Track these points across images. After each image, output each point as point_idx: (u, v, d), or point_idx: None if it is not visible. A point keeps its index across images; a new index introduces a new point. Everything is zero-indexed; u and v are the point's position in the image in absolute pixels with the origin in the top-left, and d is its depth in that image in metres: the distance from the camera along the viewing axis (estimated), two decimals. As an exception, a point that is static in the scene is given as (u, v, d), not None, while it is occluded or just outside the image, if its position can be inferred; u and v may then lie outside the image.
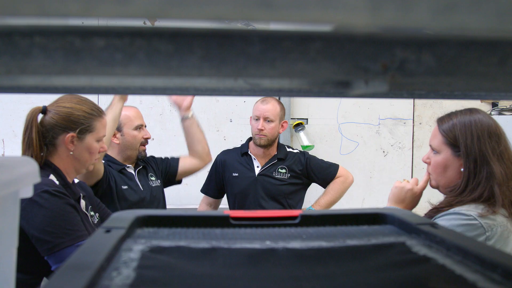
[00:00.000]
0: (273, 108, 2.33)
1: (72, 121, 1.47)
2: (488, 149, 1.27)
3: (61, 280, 0.46)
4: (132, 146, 2.09)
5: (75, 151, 1.49)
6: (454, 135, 1.32)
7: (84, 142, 1.50)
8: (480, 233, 1.21)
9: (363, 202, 3.26)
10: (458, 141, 1.31)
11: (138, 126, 2.11)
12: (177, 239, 0.65)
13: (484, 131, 1.29)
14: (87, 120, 1.49)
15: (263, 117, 2.32)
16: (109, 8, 0.28)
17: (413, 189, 1.43)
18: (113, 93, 0.52)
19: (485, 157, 1.27)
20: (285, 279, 0.52)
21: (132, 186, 2.06)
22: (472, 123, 1.30)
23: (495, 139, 1.29)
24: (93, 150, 1.53)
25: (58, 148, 1.47)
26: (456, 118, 1.34)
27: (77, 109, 1.48)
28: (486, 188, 1.26)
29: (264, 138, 2.33)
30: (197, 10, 0.28)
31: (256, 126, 2.33)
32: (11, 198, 0.72)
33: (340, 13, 0.29)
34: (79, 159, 1.51)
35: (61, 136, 1.47)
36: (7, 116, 2.92)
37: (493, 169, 1.26)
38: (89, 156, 1.53)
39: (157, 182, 2.22)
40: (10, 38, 0.34)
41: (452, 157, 1.33)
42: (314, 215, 0.75)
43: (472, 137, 1.29)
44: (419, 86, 0.44)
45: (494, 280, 0.51)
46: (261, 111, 2.33)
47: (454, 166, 1.33)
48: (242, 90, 0.49)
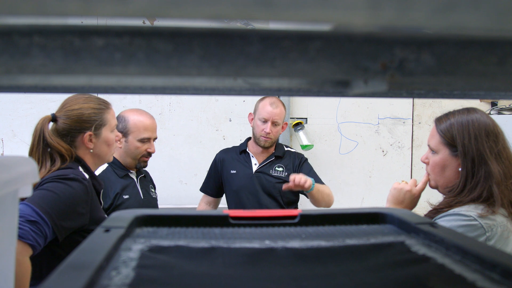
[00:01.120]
0: (281, 112, 2.33)
1: (85, 121, 1.51)
2: (486, 148, 1.27)
3: (60, 280, 0.46)
4: (132, 155, 2.03)
5: (95, 148, 1.55)
6: (452, 135, 1.32)
7: (101, 137, 1.56)
8: (480, 233, 1.21)
9: (362, 201, 3.26)
10: (456, 141, 1.31)
11: (145, 139, 2.03)
12: (176, 239, 0.65)
13: (481, 130, 1.29)
14: (98, 115, 1.54)
15: (272, 120, 2.30)
16: (109, 7, 0.28)
17: (411, 190, 1.43)
18: (112, 92, 0.52)
19: (482, 157, 1.27)
20: (285, 278, 0.52)
21: (133, 195, 2.01)
22: (470, 122, 1.30)
23: (492, 138, 1.29)
24: (111, 142, 1.59)
25: (78, 150, 1.53)
26: (454, 117, 1.34)
27: (86, 108, 1.52)
28: (484, 188, 1.26)
29: (269, 141, 2.33)
30: (196, 10, 0.28)
31: (263, 129, 2.30)
32: (10, 198, 0.72)
33: (339, 12, 0.29)
34: (99, 154, 1.57)
35: (78, 137, 1.52)
36: (6, 116, 2.91)
37: (491, 169, 1.26)
38: (108, 149, 1.59)
39: (156, 195, 2.20)
40: (10, 37, 0.34)
41: (450, 157, 1.33)
42: (313, 215, 0.75)
43: (469, 136, 1.29)
44: (418, 85, 0.44)
45: (493, 280, 0.51)
46: (271, 115, 2.30)
47: (452, 166, 1.33)
48: (241, 90, 0.49)
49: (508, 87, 0.45)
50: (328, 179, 3.22)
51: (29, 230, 1.25)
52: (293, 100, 3.15)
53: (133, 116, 2.04)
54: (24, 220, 1.25)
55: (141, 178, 2.13)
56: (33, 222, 1.26)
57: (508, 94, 0.60)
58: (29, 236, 1.24)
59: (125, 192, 1.99)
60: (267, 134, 2.31)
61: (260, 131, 2.33)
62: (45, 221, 1.28)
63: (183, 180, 3.06)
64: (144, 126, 2.02)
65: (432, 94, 0.56)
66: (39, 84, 0.47)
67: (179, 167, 3.05)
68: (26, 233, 1.24)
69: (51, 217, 1.29)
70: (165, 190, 3.02)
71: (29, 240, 1.24)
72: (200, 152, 3.06)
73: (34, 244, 1.25)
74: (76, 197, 1.39)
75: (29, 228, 1.25)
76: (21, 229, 1.23)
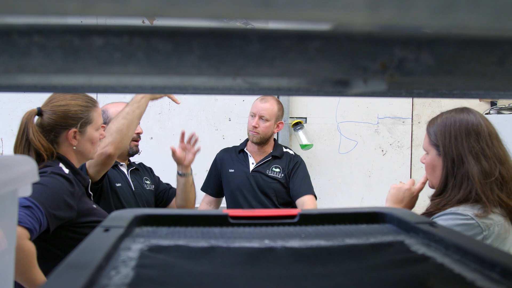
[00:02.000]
0: (270, 107, 2.36)
1: (71, 117, 1.50)
2: (465, 148, 1.28)
3: (59, 279, 0.46)
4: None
5: (78, 145, 1.54)
6: (436, 135, 1.33)
7: (85, 135, 1.54)
8: (477, 232, 1.21)
9: (362, 201, 3.26)
10: (438, 141, 1.32)
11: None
12: (176, 238, 0.65)
13: (462, 130, 1.29)
14: (85, 113, 1.53)
15: (259, 115, 2.35)
16: (108, 6, 0.28)
17: (410, 189, 1.43)
18: (112, 92, 0.52)
19: (461, 157, 1.28)
20: (284, 278, 0.52)
21: (124, 185, 2.02)
22: (452, 123, 1.31)
23: (474, 137, 1.29)
24: (95, 140, 1.58)
25: (61, 145, 1.52)
26: (441, 118, 1.35)
27: (73, 105, 1.51)
28: (471, 188, 1.26)
29: (256, 136, 2.36)
30: (195, 9, 0.28)
31: (251, 123, 2.37)
32: (9, 197, 0.72)
33: (339, 12, 0.29)
34: (83, 151, 1.56)
35: (63, 134, 1.51)
36: (5, 115, 2.91)
37: (469, 168, 1.26)
38: (91, 147, 1.58)
39: (151, 187, 2.19)
40: (9, 37, 0.34)
41: (437, 157, 1.34)
42: (312, 214, 0.75)
43: (450, 137, 1.30)
44: (418, 85, 0.44)
45: (492, 279, 0.51)
46: (258, 109, 2.36)
47: (439, 166, 1.33)
48: (241, 89, 0.49)
49: (507, 87, 0.45)
50: (327, 179, 3.23)
51: (24, 215, 1.24)
52: (292, 99, 3.15)
53: (112, 106, 2.05)
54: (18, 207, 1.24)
55: (133, 170, 2.12)
56: (27, 207, 1.26)
57: (508, 94, 0.60)
58: (25, 220, 1.23)
59: (117, 181, 1.99)
60: (253, 128, 2.35)
61: (249, 126, 2.38)
62: (38, 208, 1.27)
63: (183, 179, 3.05)
64: None
65: (432, 94, 0.56)
66: (38, 83, 0.47)
67: (179, 166, 3.04)
68: (22, 217, 1.23)
69: (43, 204, 1.29)
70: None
71: (26, 223, 1.23)
72: (200, 151, 3.06)
73: (31, 228, 1.24)
74: (63, 188, 1.39)
75: (24, 213, 1.24)
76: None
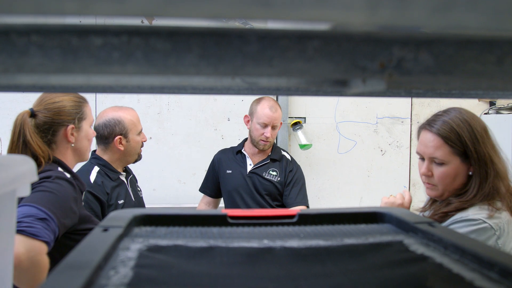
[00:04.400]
0: (280, 115, 2.37)
1: (67, 113, 1.49)
2: (489, 148, 1.28)
3: (58, 279, 0.46)
4: (135, 151, 2.01)
5: (76, 142, 1.52)
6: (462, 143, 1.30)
7: (82, 130, 1.53)
8: (491, 234, 1.22)
9: (361, 201, 3.27)
10: (467, 149, 1.29)
11: (140, 131, 2.02)
12: (175, 238, 0.65)
13: (482, 131, 1.30)
14: (79, 108, 1.52)
15: (272, 125, 2.32)
16: (107, 6, 0.28)
17: (403, 204, 1.44)
18: (110, 91, 0.52)
19: (491, 157, 1.28)
20: (283, 278, 0.52)
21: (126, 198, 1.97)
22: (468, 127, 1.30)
23: (488, 135, 1.30)
24: (91, 136, 1.57)
25: (58, 144, 1.49)
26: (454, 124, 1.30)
27: (68, 100, 1.49)
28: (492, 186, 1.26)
29: (268, 144, 2.36)
30: (194, 9, 0.28)
31: (263, 133, 2.32)
32: (8, 197, 0.72)
33: (337, 11, 0.29)
34: (80, 149, 1.54)
35: (61, 131, 1.48)
36: (4, 115, 2.91)
37: (498, 167, 1.27)
38: (88, 144, 1.57)
39: (141, 194, 2.17)
40: (7, 36, 0.34)
41: (462, 164, 1.31)
42: (311, 214, 0.75)
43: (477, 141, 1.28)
44: (416, 84, 0.44)
45: (491, 279, 0.51)
46: (271, 119, 2.31)
47: (463, 172, 1.32)
48: (239, 89, 0.49)
49: (506, 87, 0.45)
50: (326, 179, 3.23)
51: (41, 228, 1.22)
52: (291, 99, 3.15)
53: (123, 114, 2.00)
54: (34, 219, 1.22)
55: (131, 179, 2.10)
56: (43, 219, 1.24)
57: (506, 94, 0.60)
58: (44, 234, 1.21)
59: (120, 197, 1.95)
60: (267, 138, 2.33)
61: (259, 135, 2.33)
62: (52, 219, 1.26)
63: (182, 179, 3.06)
64: (137, 119, 2.02)
65: (431, 94, 0.56)
66: (37, 83, 0.47)
67: (178, 166, 3.05)
68: (40, 231, 1.21)
69: (55, 214, 1.27)
70: (163, 190, 3.02)
71: (44, 237, 1.21)
72: (199, 151, 3.06)
73: (49, 241, 1.22)
74: (69, 194, 1.37)
75: (41, 226, 1.22)
76: (34, 227, 1.20)
